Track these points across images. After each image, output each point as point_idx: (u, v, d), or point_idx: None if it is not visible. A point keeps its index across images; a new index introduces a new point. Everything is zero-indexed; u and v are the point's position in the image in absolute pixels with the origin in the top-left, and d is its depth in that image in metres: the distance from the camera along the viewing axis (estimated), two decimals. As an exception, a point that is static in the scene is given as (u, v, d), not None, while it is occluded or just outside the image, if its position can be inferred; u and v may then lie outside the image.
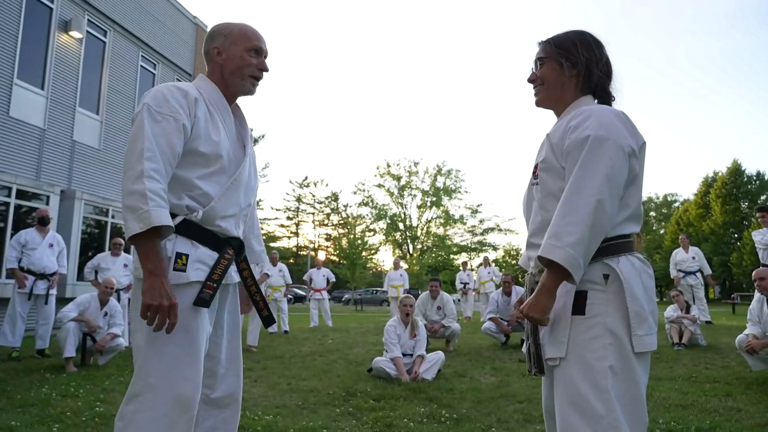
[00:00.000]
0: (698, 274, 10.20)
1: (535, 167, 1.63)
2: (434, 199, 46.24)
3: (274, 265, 10.35)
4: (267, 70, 1.92)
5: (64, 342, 5.57)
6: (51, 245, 6.85)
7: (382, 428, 3.39)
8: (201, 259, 1.70)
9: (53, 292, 6.81)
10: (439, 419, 3.62)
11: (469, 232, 46.79)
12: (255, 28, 1.93)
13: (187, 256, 1.67)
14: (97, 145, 11.31)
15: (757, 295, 5.12)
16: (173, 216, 1.65)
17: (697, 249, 10.72)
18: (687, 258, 10.31)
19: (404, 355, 5.50)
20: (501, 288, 8.22)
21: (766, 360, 4.90)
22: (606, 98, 1.67)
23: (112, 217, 11.39)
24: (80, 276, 9.90)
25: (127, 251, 8.21)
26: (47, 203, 9.68)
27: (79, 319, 5.71)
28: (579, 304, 1.47)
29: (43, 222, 6.84)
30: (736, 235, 40.18)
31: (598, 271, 1.48)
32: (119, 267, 7.98)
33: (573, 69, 1.64)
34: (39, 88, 9.97)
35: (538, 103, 1.73)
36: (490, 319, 7.95)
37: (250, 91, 1.89)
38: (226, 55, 1.86)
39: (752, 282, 5.07)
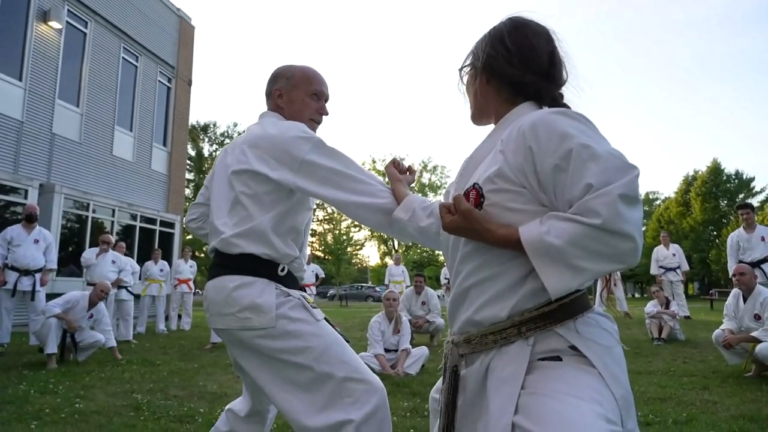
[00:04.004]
0: (678, 271, 10.39)
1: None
2: (420, 195, 46.34)
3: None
4: (327, 114, 1.93)
5: (45, 338, 5.51)
6: (36, 241, 6.76)
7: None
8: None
9: (40, 289, 6.72)
10: (422, 413, 3.65)
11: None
12: (317, 71, 1.93)
13: (306, 296, 1.75)
14: (77, 138, 11.11)
15: (734, 290, 5.23)
16: (278, 264, 1.73)
17: (677, 246, 10.92)
18: (668, 255, 10.51)
19: (388, 350, 5.51)
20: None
21: (741, 354, 5.01)
22: (552, 102, 1.27)
23: (93, 211, 11.22)
24: (60, 272, 9.74)
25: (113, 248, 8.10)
26: (26, 197, 9.50)
27: (61, 317, 5.63)
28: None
29: (30, 219, 6.75)
30: (715, 233, 40.92)
31: (555, 343, 1.09)
32: (107, 263, 7.92)
33: (478, 72, 1.34)
34: (17, 80, 9.76)
35: (472, 119, 1.43)
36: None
37: None
38: (287, 98, 1.87)
39: (730, 278, 5.17)
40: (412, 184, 1.81)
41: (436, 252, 45.50)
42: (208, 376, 5.07)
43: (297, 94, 1.86)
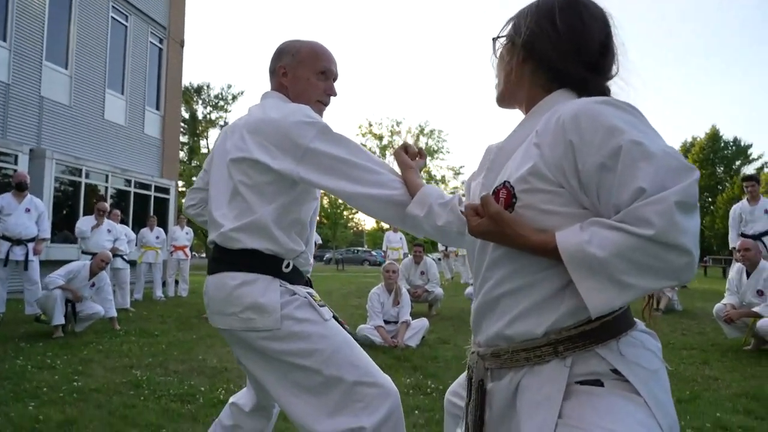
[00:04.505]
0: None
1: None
2: (435, 186, 46.05)
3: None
4: (335, 95, 1.78)
5: (52, 310, 5.51)
6: (28, 210, 6.65)
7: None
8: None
9: (33, 258, 6.64)
10: (425, 390, 3.62)
11: (451, 193, 46.94)
12: (325, 47, 1.76)
13: (312, 293, 1.66)
14: (67, 102, 10.80)
15: (737, 265, 5.19)
16: (282, 260, 1.62)
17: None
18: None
19: (388, 322, 5.49)
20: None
21: (741, 328, 5.02)
22: (595, 91, 1.09)
23: (86, 176, 11.02)
24: (54, 239, 9.63)
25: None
26: (15, 162, 9.29)
27: (65, 288, 5.61)
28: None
29: (20, 187, 6.62)
30: (710, 200, 41.09)
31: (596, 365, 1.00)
32: (102, 232, 7.82)
33: (517, 48, 1.15)
34: (1, 40, 9.39)
35: (497, 101, 1.27)
36: (473, 284, 7.98)
37: None
38: (292, 76, 1.72)
39: (723, 245, 5.14)
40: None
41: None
42: (207, 348, 5.03)
43: (303, 71, 1.71)
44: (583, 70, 1.11)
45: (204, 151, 35.88)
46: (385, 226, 47.84)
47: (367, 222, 46.92)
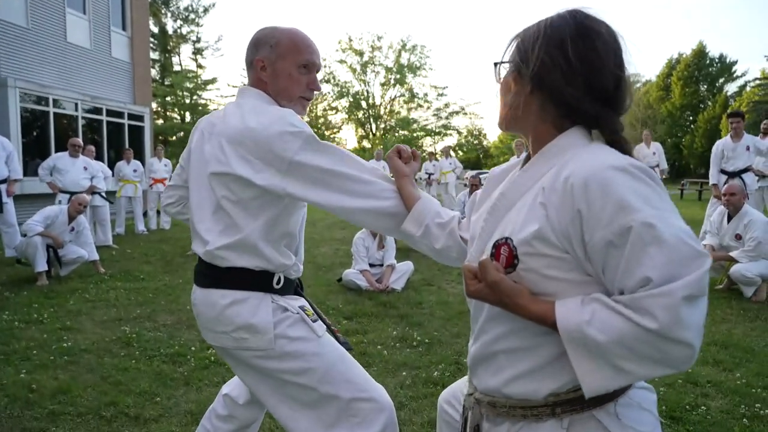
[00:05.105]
0: (656, 170, 10.55)
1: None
2: (398, 76, 44.70)
3: None
4: (319, 90, 1.63)
5: (33, 258, 5.48)
6: None
7: (357, 357, 3.45)
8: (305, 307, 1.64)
9: (7, 200, 6.46)
10: (411, 343, 3.74)
11: (434, 115, 46.23)
12: (306, 35, 1.60)
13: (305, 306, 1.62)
14: (24, 23, 10.04)
15: (720, 208, 5.26)
16: (273, 274, 1.57)
17: (658, 145, 10.95)
18: (648, 154, 10.58)
19: (373, 266, 5.56)
20: (468, 189, 8.25)
21: (717, 269, 5.20)
22: (611, 134, 1.04)
23: (55, 105, 10.50)
24: (26, 172, 9.32)
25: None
26: (-25, 94, 8.77)
27: (45, 234, 5.52)
28: None
29: None
30: (691, 118, 41.24)
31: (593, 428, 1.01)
32: (78, 169, 7.55)
33: (524, 78, 1.07)
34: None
35: (500, 125, 1.18)
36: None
37: (299, 113, 1.57)
38: (271, 71, 1.57)
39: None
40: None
41: (415, 134, 45.23)
42: (194, 295, 5.07)
43: (283, 66, 1.56)
44: (598, 107, 1.03)
45: (177, 68, 34.27)
46: (367, 144, 47.34)
47: (348, 141, 46.40)
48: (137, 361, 3.35)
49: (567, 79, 1.02)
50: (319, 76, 1.67)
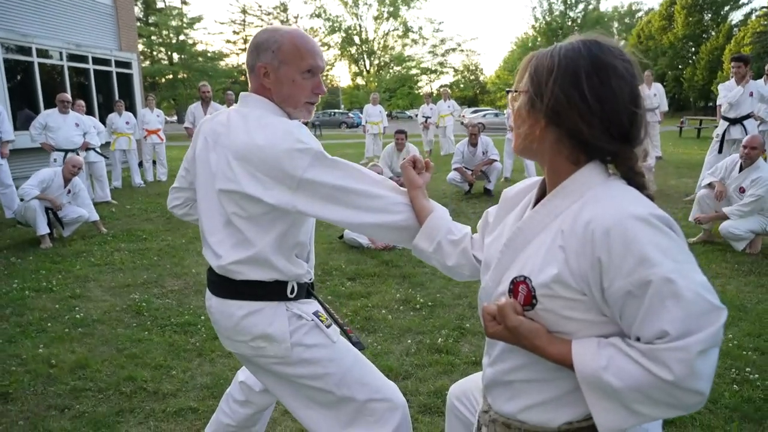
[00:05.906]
0: (657, 111, 10.44)
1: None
2: (391, 9, 43.16)
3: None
4: (324, 93, 1.60)
5: (34, 222, 5.51)
6: None
7: (363, 322, 3.58)
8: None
9: (1, 162, 6.44)
10: (414, 306, 3.84)
11: (429, 52, 44.91)
12: (308, 38, 1.54)
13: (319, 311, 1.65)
14: (-1, -32, 9.51)
15: (734, 156, 5.21)
16: (287, 284, 1.59)
17: (659, 85, 10.79)
18: (649, 94, 10.41)
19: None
20: (467, 138, 8.18)
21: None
22: (627, 171, 1.06)
23: (39, 55, 10.14)
24: (16, 127, 9.14)
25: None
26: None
27: (42, 197, 5.53)
28: None
29: None
30: (693, 49, 40.17)
31: None
32: (70, 126, 7.42)
33: (538, 113, 1.07)
34: None
35: (515, 150, 1.19)
36: (455, 169, 8.07)
37: (304, 118, 1.57)
38: (275, 77, 1.52)
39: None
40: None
41: (411, 71, 44.06)
42: (198, 256, 5.13)
43: (287, 72, 1.52)
44: (615, 144, 1.04)
45: (160, 5, 32.84)
46: (361, 82, 46.15)
47: (342, 79, 45.28)
48: (150, 332, 3.45)
49: (583, 118, 1.02)
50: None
